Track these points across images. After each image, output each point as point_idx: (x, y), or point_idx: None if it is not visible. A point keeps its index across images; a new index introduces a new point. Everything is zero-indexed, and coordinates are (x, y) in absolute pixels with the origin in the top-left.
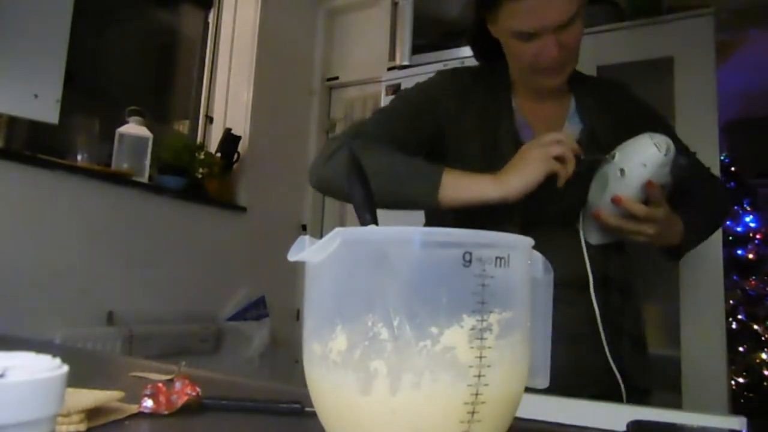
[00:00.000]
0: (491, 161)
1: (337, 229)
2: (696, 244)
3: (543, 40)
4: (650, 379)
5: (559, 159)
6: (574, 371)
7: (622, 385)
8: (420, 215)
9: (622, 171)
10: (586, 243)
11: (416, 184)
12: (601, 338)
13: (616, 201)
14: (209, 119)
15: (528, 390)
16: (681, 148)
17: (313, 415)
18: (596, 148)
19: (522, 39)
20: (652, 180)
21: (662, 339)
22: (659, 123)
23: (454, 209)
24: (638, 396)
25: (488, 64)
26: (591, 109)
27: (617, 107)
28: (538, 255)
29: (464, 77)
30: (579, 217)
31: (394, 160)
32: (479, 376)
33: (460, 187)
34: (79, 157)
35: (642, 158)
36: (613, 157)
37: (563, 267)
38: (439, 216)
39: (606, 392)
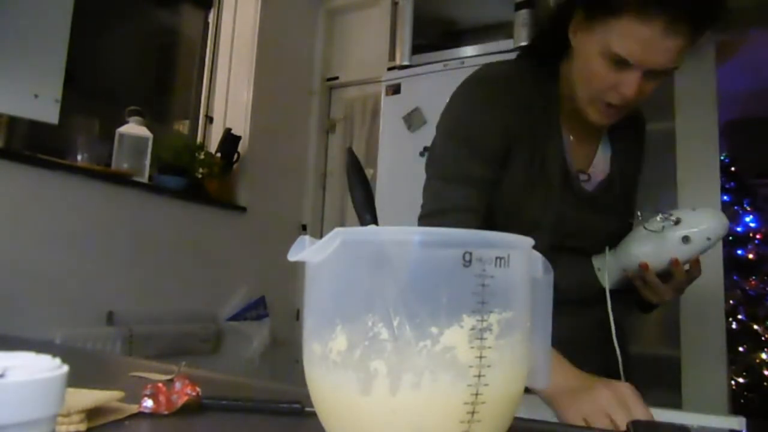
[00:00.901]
0: (536, 182)
1: (337, 229)
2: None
3: (631, 75)
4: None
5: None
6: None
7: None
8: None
9: (686, 238)
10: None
11: None
12: (600, 345)
13: (674, 264)
14: (209, 119)
15: (529, 390)
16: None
17: (313, 415)
18: (618, 187)
19: (612, 63)
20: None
21: (662, 339)
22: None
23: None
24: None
25: (539, 65)
26: (620, 138)
27: (636, 141)
28: (537, 255)
29: (508, 83)
30: (597, 258)
31: None
32: (479, 376)
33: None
34: (79, 157)
35: (709, 233)
36: (676, 222)
37: (568, 284)
38: None
39: None
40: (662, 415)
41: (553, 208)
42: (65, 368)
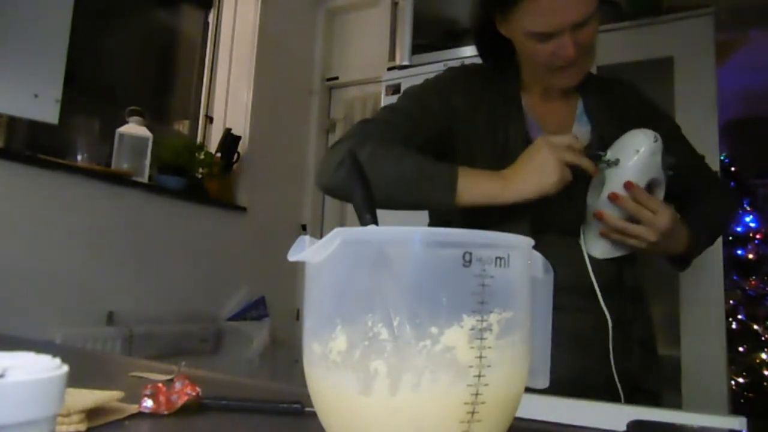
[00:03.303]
0: (501, 161)
1: (337, 229)
2: (702, 251)
3: (560, 40)
4: (659, 385)
5: (571, 166)
6: (580, 379)
7: (622, 396)
8: (423, 215)
9: (617, 161)
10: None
11: (432, 187)
12: (609, 344)
13: (612, 198)
14: (209, 119)
15: (529, 390)
16: (688, 149)
17: (313, 415)
18: (605, 148)
19: (538, 39)
20: (643, 171)
21: (662, 339)
22: (666, 121)
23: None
24: (647, 398)
25: (495, 63)
26: (599, 109)
27: (624, 107)
28: (538, 255)
29: (475, 74)
30: (580, 230)
31: (407, 162)
32: (479, 376)
33: (475, 190)
34: (79, 157)
35: (633, 144)
36: (605, 154)
37: (569, 273)
38: (445, 217)
39: (614, 397)
40: (662, 416)
41: None
42: (65, 368)
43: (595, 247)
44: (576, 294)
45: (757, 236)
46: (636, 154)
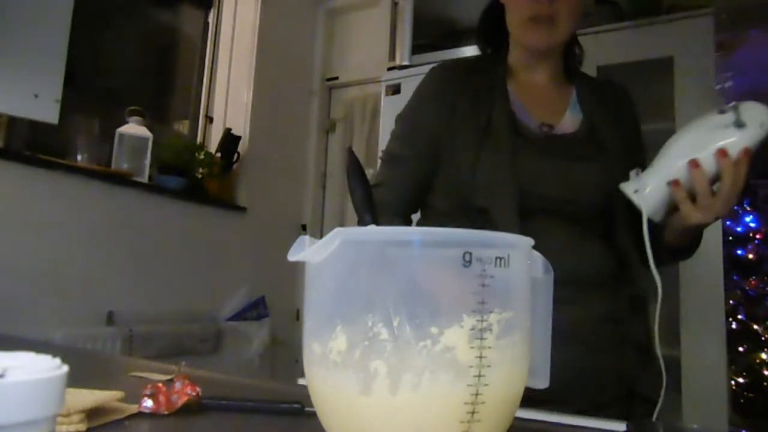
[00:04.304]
0: (483, 141)
1: (337, 229)
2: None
3: None
4: (655, 389)
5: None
6: (577, 376)
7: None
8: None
9: (742, 124)
10: (589, 240)
11: None
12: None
13: (721, 155)
14: (209, 119)
15: (529, 401)
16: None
17: (313, 415)
18: (595, 141)
19: None
20: (755, 146)
21: (662, 339)
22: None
23: (447, 202)
24: (641, 403)
25: (488, 48)
26: (591, 101)
27: (617, 105)
28: (538, 255)
29: (457, 66)
30: (629, 182)
31: None
32: (479, 376)
33: None
34: (79, 157)
35: (759, 116)
36: (736, 109)
37: (564, 263)
38: (436, 208)
39: (611, 398)
40: (549, 417)
41: (507, 156)
42: (65, 368)
43: (652, 204)
44: (570, 285)
45: (757, 236)
46: (761, 127)
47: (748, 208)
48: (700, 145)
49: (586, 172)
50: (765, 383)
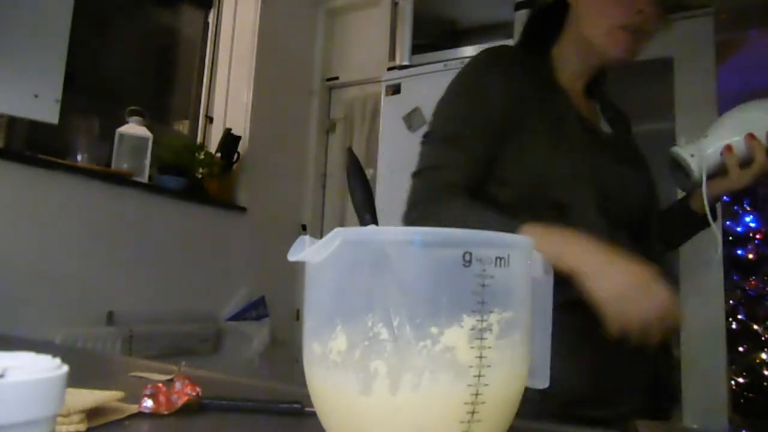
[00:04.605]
0: (558, 135)
1: (337, 229)
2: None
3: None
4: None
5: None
6: (614, 377)
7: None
8: None
9: None
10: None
11: None
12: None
13: None
14: (209, 119)
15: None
16: None
17: (313, 415)
18: (631, 149)
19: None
20: None
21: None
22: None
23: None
24: (666, 405)
25: (537, 44)
26: (611, 118)
27: (627, 125)
28: (538, 255)
29: (513, 56)
30: (683, 147)
31: (468, 220)
32: (479, 376)
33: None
34: (79, 157)
35: None
36: None
37: None
38: (496, 199)
39: (646, 402)
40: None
41: (582, 158)
42: (65, 368)
43: (708, 166)
44: None
45: (757, 236)
46: None
47: (748, 208)
48: (760, 124)
49: (638, 178)
50: (765, 383)
